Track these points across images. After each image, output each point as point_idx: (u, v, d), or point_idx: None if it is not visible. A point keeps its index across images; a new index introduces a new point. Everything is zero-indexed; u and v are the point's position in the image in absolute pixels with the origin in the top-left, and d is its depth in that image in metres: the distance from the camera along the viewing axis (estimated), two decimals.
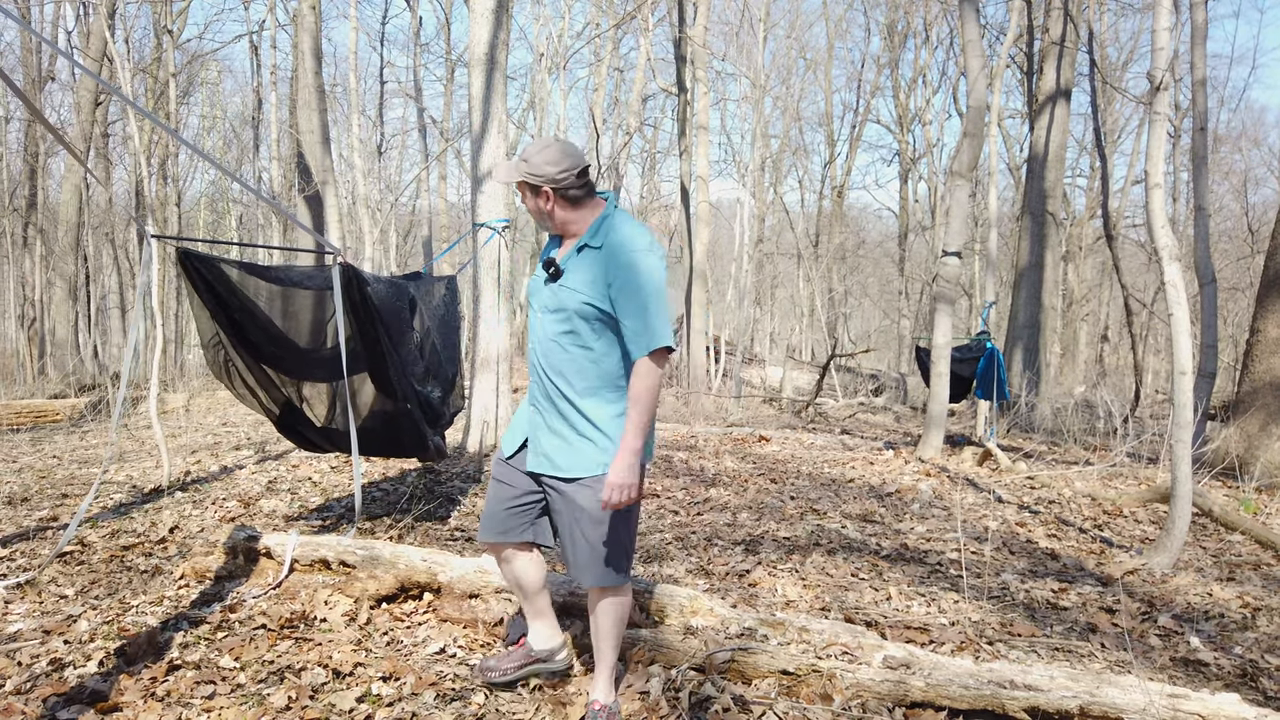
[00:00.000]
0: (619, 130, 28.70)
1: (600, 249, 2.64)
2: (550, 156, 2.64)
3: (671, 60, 18.51)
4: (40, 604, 3.88)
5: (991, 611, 4.08)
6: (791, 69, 29.28)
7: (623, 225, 2.68)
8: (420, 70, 26.58)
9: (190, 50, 28.33)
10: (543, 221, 2.75)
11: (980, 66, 8.05)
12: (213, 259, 4.58)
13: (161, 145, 23.93)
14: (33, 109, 3.29)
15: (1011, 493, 6.87)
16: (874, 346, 29.37)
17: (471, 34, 8.40)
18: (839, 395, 17.63)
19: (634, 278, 2.56)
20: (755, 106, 17.85)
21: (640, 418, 2.57)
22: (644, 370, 2.57)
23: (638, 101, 27.85)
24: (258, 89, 25.45)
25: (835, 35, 30.98)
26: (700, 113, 14.76)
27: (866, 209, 45.85)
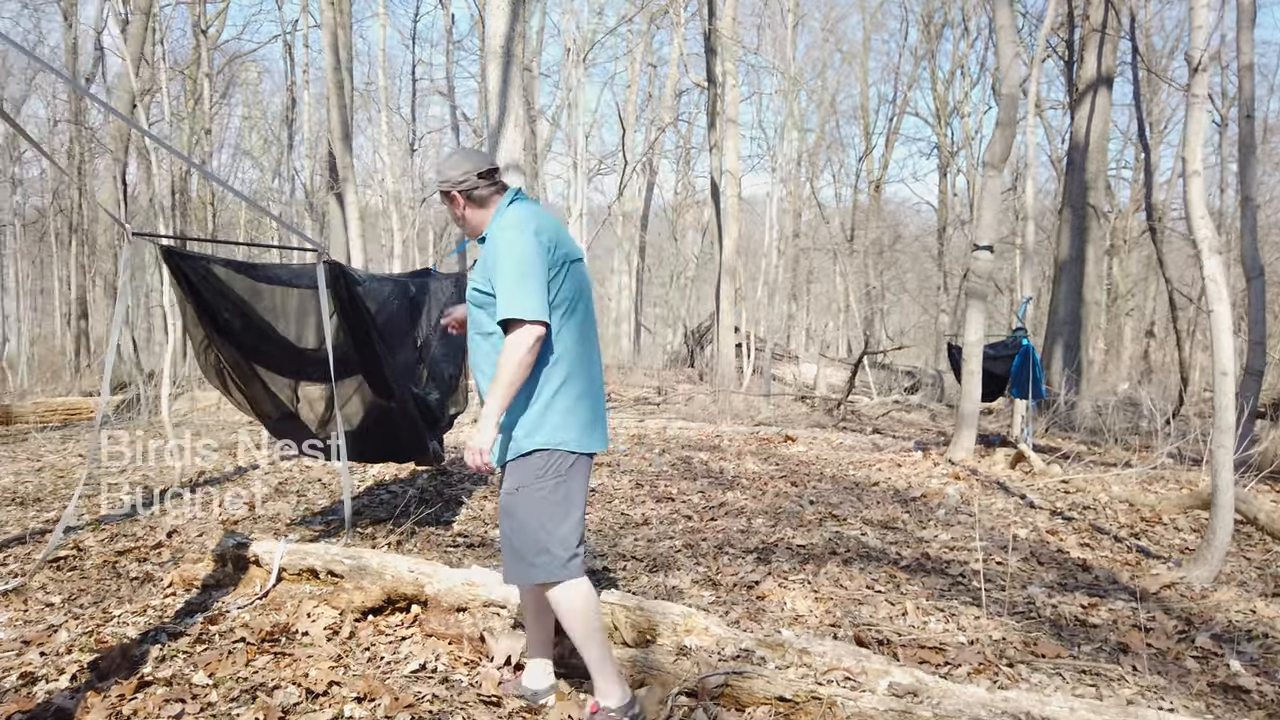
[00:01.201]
0: (652, 126, 28.50)
1: (487, 237, 2.73)
2: (453, 162, 2.78)
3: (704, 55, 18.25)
4: (25, 612, 3.79)
5: (1014, 629, 3.83)
6: (827, 62, 28.89)
7: (508, 211, 2.74)
8: (453, 67, 26.56)
9: (229, 51, 28.65)
10: (462, 226, 2.84)
11: (1013, 53, 7.73)
12: (199, 257, 4.46)
13: (201, 147, 24.19)
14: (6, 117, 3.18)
15: (1044, 497, 6.57)
16: (909, 343, 28.80)
17: (488, 26, 8.27)
18: (873, 393, 17.29)
19: (495, 253, 2.61)
20: (786, 99, 17.54)
21: (498, 386, 2.55)
22: (508, 342, 2.54)
23: (670, 96, 27.66)
24: (291, 88, 25.62)
25: (871, 28, 30.51)
26: (729, 106, 14.51)
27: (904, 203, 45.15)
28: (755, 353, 17.34)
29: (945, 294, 28.17)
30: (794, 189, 26.13)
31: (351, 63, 15.66)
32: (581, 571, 2.71)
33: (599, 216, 27.22)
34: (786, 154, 21.82)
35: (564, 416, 2.65)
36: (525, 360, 2.53)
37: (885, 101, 34.03)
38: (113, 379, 16.93)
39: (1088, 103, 14.09)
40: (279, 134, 29.60)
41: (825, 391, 17.10)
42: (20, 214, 30.90)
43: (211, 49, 24.87)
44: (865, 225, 28.97)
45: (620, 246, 28.72)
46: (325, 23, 10.83)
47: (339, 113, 10.78)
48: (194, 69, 23.89)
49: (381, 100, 17.00)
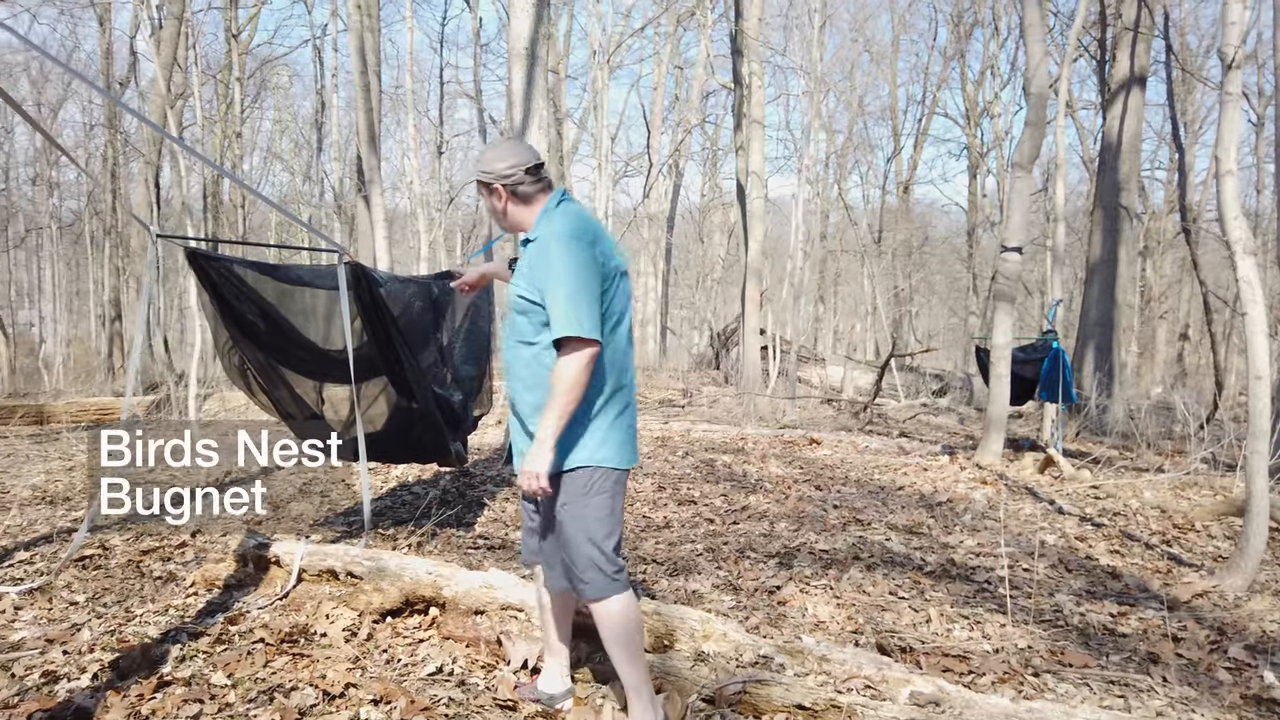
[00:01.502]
0: (678, 128, 28.46)
1: (534, 240, 2.60)
2: (499, 154, 2.64)
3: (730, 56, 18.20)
4: (49, 611, 3.82)
5: (1041, 637, 3.76)
6: (855, 63, 28.70)
7: (559, 215, 2.62)
8: (480, 70, 26.67)
9: (260, 56, 28.98)
10: (499, 221, 2.73)
11: (1042, 52, 7.62)
12: (223, 259, 4.49)
13: (233, 150, 24.47)
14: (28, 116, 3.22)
15: (1073, 503, 6.46)
16: (936, 346, 28.55)
17: (512, 28, 8.26)
18: (900, 396, 17.13)
19: (554, 264, 2.49)
20: (811, 99, 17.44)
21: (554, 409, 2.46)
22: (561, 360, 2.47)
23: (697, 98, 27.61)
24: (320, 92, 25.84)
25: (900, 28, 30.30)
26: (755, 107, 14.44)
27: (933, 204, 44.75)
28: (781, 355, 17.24)
29: (975, 296, 27.89)
30: (822, 190, 25.98)
31: (380, 66, 15.76)
32: (629, 585, 2.68)
33: (624, 219, 27.24)
34: (813, 155, 21.70)
35: (606, 433, 2.60)
36: (582, 380, 2.45)
37: (914, 102, 33.78)
38: (145, 380, 17.20)
39: (1120, 102, 13.88)
40: (309, 137, 29.91)
41: (852, 394, 16.98)
42: (57, 217, 31.44)
43: (243, 54, 25.17)
44: (893, 227, 28.74)
45: (646, 249, 28.71)
46: (352, 27, 10.91)
47: (365, 116, 10.85)
48: (226, 73, 24.18)
49: (409, 104, 17.10)
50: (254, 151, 31.58)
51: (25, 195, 31.60)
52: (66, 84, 28.66)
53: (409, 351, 4.98)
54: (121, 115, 22.87)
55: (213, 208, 23.70)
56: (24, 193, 31.47)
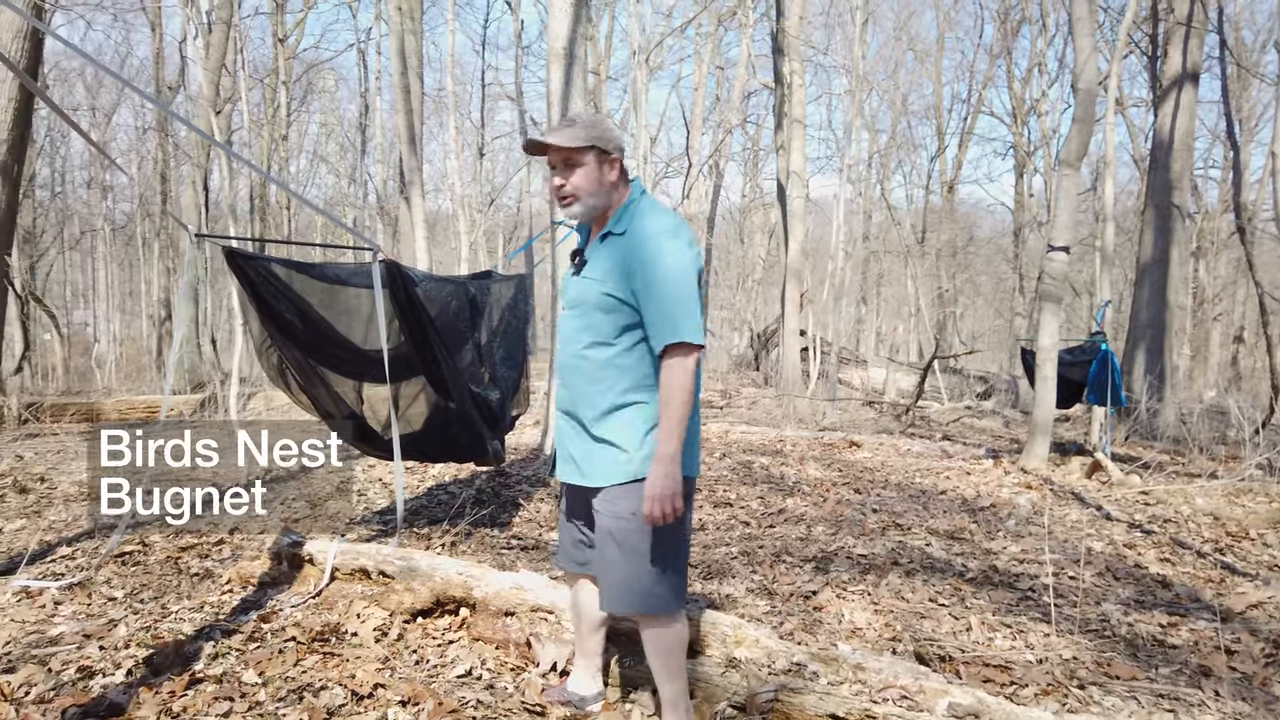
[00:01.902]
0: (719, 128, 28.33)
1: (624, 235, 2.43)
2: (608, 124, 2.43)
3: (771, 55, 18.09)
4: (88, 606, 3.87)
5: (1086, 648, 3.64)
6: (899, 61, 28.38)
7: (649, 210, 2.46)
8: (521, 72, 26.81)
9: (307, 60, 29.41)
10: (598, 198, 2.46)
11: (1091, 47, 7.44)
12: (260, 257, 4.52)
13: (279, 153, 24.86)
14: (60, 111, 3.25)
15: (1122, 509, 6.28)
16: (981, 348, 28.10)
17: (550, 28, 8.25)
18: (944, 398, 16.88)
19: (656, 264, 2.33)
20: (853, 98, 17.25)
21: (671, 422, 2.32)
22: (670, 368, 2.33)
23: (739, 98, 27.44)
24: (364, 95, 26.14)
25: (945, 26, 29.90)
26: (796, 106, 14.31)
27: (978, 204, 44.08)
28: (821, 356, 17.07)
29: (1021, 297, 27.43)
30: (865, 190, 25.71)
31: (421, 69, 15.90)
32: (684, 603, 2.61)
33: None
34: (855, 155, 21.48)
35: (691, 441, 2.47)
36: (692, 388, 2.33)
37: (959, 100, 33.35)
38: (192, 379, 17.52)
39: (1172, 99, 13.53)
40: (354, 140, 30.29)
41: (894, 396, 16.76)
42: (110, 220, 32.19)
43: (289, 58, 25.56)
44: (937, 227, 28.37)
45: None
46: (393, 29, 11.00)
47: (405, 118, 10.93)
48: (273, 78, 24.56)
49: (450, 106, 17.24)
50: (300, 154, 32.10)
51: (80, 198, 32.40)
52: (120, 89, 29.32)
53: (445, 351, 4.98)
54: (172, 119, 23.33)
55: (260, 209, 24.10)
56: (79, 196, 32.27)
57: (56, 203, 30.75)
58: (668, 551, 2.49)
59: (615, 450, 2.47)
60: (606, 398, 2.46)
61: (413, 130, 11.09)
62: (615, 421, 2.47)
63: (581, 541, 2.72)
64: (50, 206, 30.07)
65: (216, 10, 18.06)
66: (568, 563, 2.80)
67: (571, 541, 2.76)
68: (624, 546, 2.48)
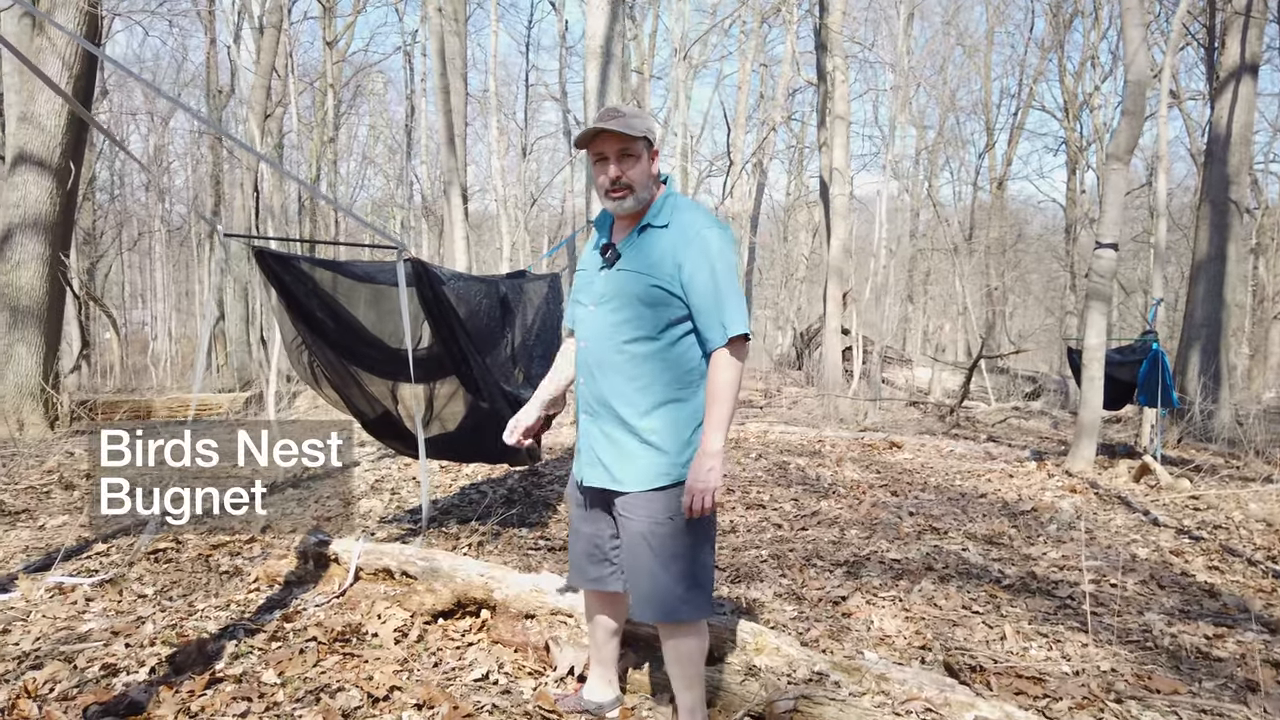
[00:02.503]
0: (763, 126, 28.13)
1: (666, 228, 2.40)
2: (648, 118, 2.43)
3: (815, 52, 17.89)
4: (118, 603, 3.92)
5: (1126, 659, 3.50)
6: (948, 57, 27.91)
7: (687, 204, 2.47)
8: (565, 72, 26.88)
9: (356, 63, 29.82)
10: (641, 190, 2.43)
11: (1140, 37, 7.21)
12: (289, 256, 4.54)
13: (327, 155, 25.22)
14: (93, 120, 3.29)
15: (1170, 514, 6.07)
16: (1029, 347, 27.50)
17: (587, 26, 8.25)
18: (990, 399, 16.56)
19: (707, 258, 2.33)
20: (897, 94, 16.99)
21: (721, 415, 2.32)
22: (723, 362, 2.32)
23: (783, 95, 27.23)
24: (410, 96, 26.42)
25: (995, 21, 29.33)
26: (839, 102, 14.13)
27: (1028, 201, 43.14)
28: (864, 355, 16.84)
29: (1073, 295, 26.82)
30: (912, 187, 25.34)
31: (466, 70, 16.00)
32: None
33: None
34: (899, 151, 21.17)
35: None
36: (740, 382, 2.37)
37: (1008, 95, 32.66)
38: (241, 377, 17.85)
39: (1230, 91, 13.08)
40: (402, 142, 30.64)
41: (940, 396, 16.48)
42: (166, 221, 32.97)
43: (338, 61, 25.93)
44: (986, 224, 27.86)
45: None
46: (432, 29, 11.07)
47: (445, 118, 10.99)
48: (322, 81, 24.93)
49: (493, 106, 17.31)
50: (350, 157, 32.56)
51: (138, 201, 33.19)
52: (176, 94, 30.02)
53: (475, 350, 4.96)
54: (225, 122, 23.82)
55: (309, 210, 24.50)
56: (137, 198, 33.06)
57: (115, 205, 31.55)
58: (701, 556, 2.46)
59: (656, 452, 2.41)
60: (648, 395, 2.40)
61: (452, 130, 11.15)
62: (658, 420, 2.40)
63: (594, 554, 2.63)
64: (109, 209, 30.86)
65: (267, 15, 18.37)
66: (580, 579, 2.71)
67: (585, 555, 2.66)
68: (659, 552, 2.42)
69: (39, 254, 9.08)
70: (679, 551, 2.42)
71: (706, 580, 2.48)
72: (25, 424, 8.89)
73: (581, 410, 2.56)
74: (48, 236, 9.14)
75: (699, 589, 2.45)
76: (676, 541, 2.41)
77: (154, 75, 30.27)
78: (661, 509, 2.40)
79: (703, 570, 2.46)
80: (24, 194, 9.01)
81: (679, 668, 2.57)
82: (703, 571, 2.46)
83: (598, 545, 2.62)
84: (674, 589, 2.43)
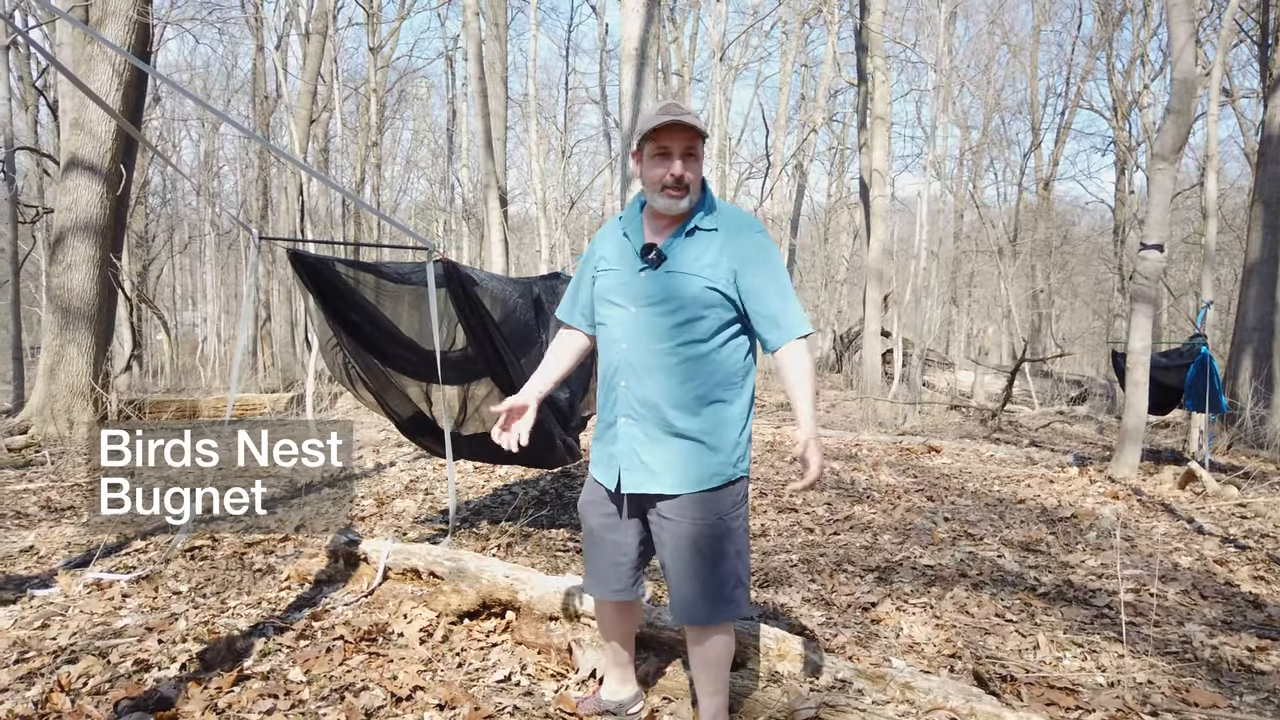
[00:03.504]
0: (804, 127, 27.95)
1: (716, 230, 2.39)
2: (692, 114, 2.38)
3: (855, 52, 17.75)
4: (154, 599, 3.99)
5: (1164, 671, 3.41)
6: (993, 56, 27.51)
7: (731, 208, 2.48)
8: (605, 75, 26.94)
9: (400, 68, 30.20)
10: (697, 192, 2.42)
11: (1187, 34, 7.03)
12: (323, 259, 4.60)
13: (372, 159, 25.56)
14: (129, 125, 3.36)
15: (1215, 522, 5.91)
16: (1074, 350, 26.99)
17: (623, 29, 8.24)
18: (1034, 403, 16.28)
19: (769, 260, 2.39)
20: (939, 94, 16.78)
21: (811, 400, 2.35)
22: (798, 356, 2.37)
23: (823, 96, 27.04)
24: (451, 101, 26.67)
25: (1041, 19, 28.85)
26: (879, 102, 13.99)
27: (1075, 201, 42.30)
28: (904, 358, 16.65)
29: (1121, 298, 26.25)
30: (956, 188, 25.01)
31: (506, 74, 16.11)
32: None
33: None
34: (942, 152, 20.90)
35: (749, 442, 2.50)
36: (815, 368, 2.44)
37: (1055, 95, 32.07)
38: (285, 378, 18.14)
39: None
40: (444, 146, 30.93)
41: (983, 400, 16.23)
42: (216, 225, 33.63)
43: (383, 67, 26.26)
44: (1031, 226, 27.39)
45: None
46: (470, 35, 11.16)
47: (483, 121, 11.07)
48: (367, 86, 25.26)
49: (532, 109, 17.39)
50: (394, 160, 32.95)
51: (189, 205, 33.92)
52: (226, 100, 30.66)
53: (509, 350, 4.97)
54: (273, 129, 24.26)
55: (353, 213, 24.82)
56: (188, 202, 33.78)
57: (167, 209, 32.27)
58: (744, 554, 2.48)
59: (708, 452, 2.39)
60: (697, 396, 2.39)
61: (489, 134, 11.23)
62: (708, 421, 2.39)
63: (620, 563, 2.60)
64: (161, 212, 31.57)
65: (313, 22, 18.67)
66: (602, 589, 2.66)
67: (610, 564, 2.61)
68: (709, 553, 2.42)
69: (90, 257, 9.30)
70: (727, 551, 2.43)
71: (748, 577, 2.51)
72: (75, 423, 9.11)
73: (620, 413, 2.48)
74: (98, 240, 9.36)
75: (742, 587, 2.47)
76: (726, 542, 2.43)
77: (205, 82, 30.92)
78: (713, 510, 2.39)
79: (745, 568, 2.49)
80: (75, 198, 9.24)
81: (707, 671, 2.56)
82: (744, 569, 2.49)
83: (624, 554, 2.59)
84: (720, 589, 2.44)
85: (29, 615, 3.75)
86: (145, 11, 9.67)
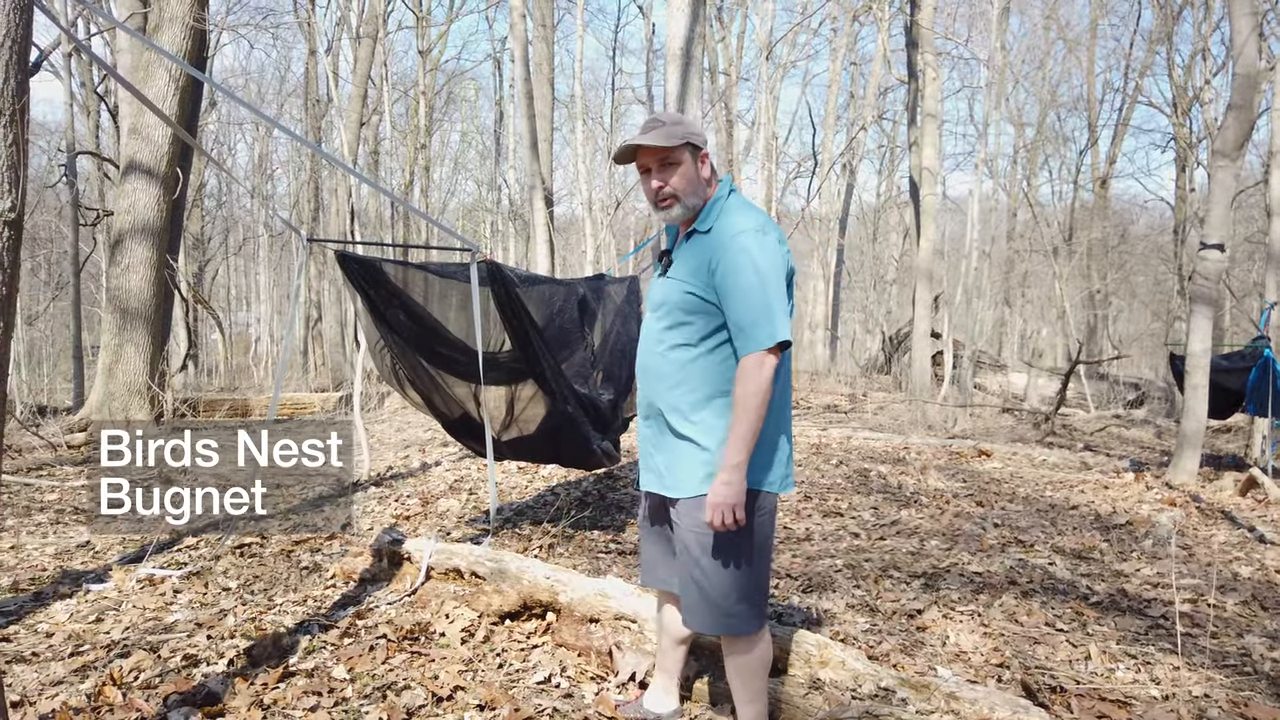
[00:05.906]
0: (853, 125, 27.67)
1: (709, 233, 2.36)
2: (693, 121, 2.42)
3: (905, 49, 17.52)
4: (204, 595, 4.07)
5: (1221, 685, 3.30)
6: (1048, 52, 26.95)
7: (736, 208, 2.40)
8: (652, 75, 26.93)
9: (448, 71, 30.52)
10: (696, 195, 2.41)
11: (1250, 27, 6.81)
12: (371, 260, 4.64)
13: (418, 161, 25.87)
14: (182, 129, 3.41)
15: (1278, 530, 5.71)
16: (1132, 352, 26.34)
17: (668, 29, 8.22)
18: (1090, 406, 15.92)
19: (738, 261, 2.26)
20: (990, 90, 16.48)
21: (742, 428, 2.23)
22: (748, 370, 2.23)
23: (873, 94, 26.74)
24: (499, 102, 26.88)
25: (1098, 13, 28.18)
26: (929, 100, 13.78)
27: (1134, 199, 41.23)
28: (955, 360, 16.38)
29: (1181, 299, 25.55)
30: (1009, 186, 24.55)
31: (553, 75, 16.20)
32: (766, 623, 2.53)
33: (793, 220, 26.79)
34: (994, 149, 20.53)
35: (770, 453, 2.37)
36: (767, 393, 2.23)
37: (1113, 90, 31.33)
38: (335, 377, 18.41)
39: None
40: (492, 148, 31.19)
41: (1036, 403, 15.91)
42: (269, 227, 34.30)
43: (432, 69, 26.56)
44: (1088, 224, 26.77)
45: (816, 251, 28.08)
46: (516, 36, 11.22)
47: (528, 122, 11.13)
48: (416, 89, 25.58)
49: (579, 110, 17.46)
50: (442, 162, 33.31)
51: (244, 207, 34.66)
52: (280, 104, 31.27)
53: (550, 352, 4.98)
54: (325, 130, 24.67)
55: (403, 215, 25.14)
56: (242, 205, 34.51)
57: (222, 211, 32.99)
58: (748, 569, 2.39)
59: (698, 453, 2.37)
60: (691, 400, 2.39)
61: (535, 135, 11.28)
62: (702, 423, 2.37)
63: (666, 553, 2.63)
64: (216, 214, 32.29)
65: (364, 26, 18.94)
66: (650, 579, 2.71)
67: (655, 555, 2.67)
68: (704, 561, 2.39)
69: (147, 259, 9.52)
70: (726, 562, 2.37)
71: (756, 594, 2.42)
72: (132, 421, 9.34)
73: (640, 414, 2.57)
74: (155, 242, 9.58)
75: (746, 603, 2.40)
76: (724, 551, 2.37)
77: (259, 86, 31.58)
78: (703, 516, 2.35)
79: (751, 584, 2.40)
80: (133, 201, 9.47)
81: (740, 679, 2.53)
82: (751, 585, 2.40)
83: (668, 545, 2.61)
84: (720, 601, 2.40)
85: (84, 609, 3.84)
86: (201, 18, 9.88)
